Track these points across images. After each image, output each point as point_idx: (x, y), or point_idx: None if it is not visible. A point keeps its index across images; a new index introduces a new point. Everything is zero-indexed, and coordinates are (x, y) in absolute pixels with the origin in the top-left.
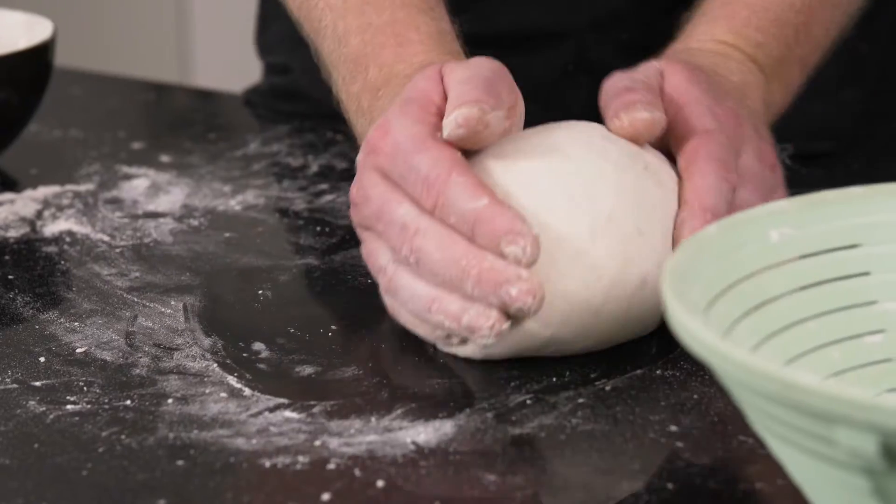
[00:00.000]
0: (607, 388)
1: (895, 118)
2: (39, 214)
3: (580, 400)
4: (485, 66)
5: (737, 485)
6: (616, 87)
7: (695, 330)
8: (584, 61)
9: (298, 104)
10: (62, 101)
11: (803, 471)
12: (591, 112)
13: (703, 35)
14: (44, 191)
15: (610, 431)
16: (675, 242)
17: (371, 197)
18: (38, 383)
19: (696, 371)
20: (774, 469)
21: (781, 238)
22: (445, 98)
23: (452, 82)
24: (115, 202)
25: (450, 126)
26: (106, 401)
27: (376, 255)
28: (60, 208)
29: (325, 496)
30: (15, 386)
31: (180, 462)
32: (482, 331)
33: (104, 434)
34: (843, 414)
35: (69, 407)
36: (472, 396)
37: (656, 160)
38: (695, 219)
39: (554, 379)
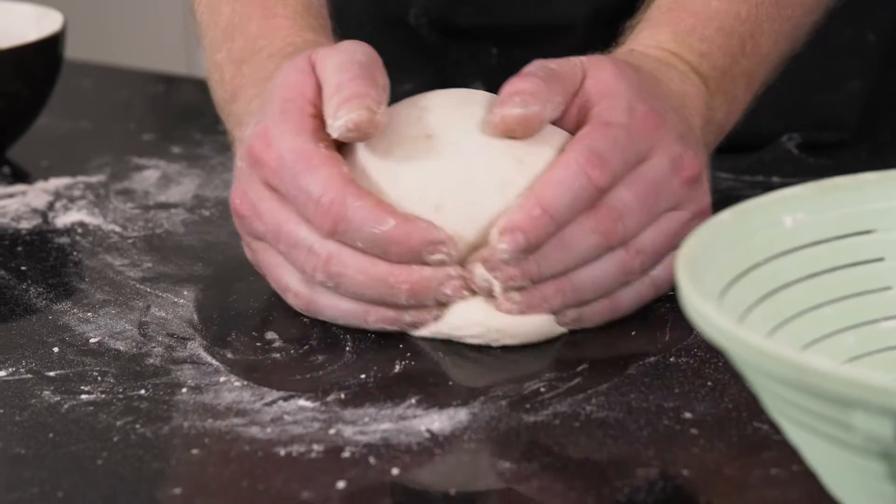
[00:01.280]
0: (621, 375)
1: None
2: (51, 206)
3: (594, 387)
4: (357, 51)
5: (752, 471)
6: (515, 77)
7: (711, 316)
8: (586, 55)
9: None
10: (72, 94)
11: (819, 456)
12: None
13: (646, 40)
14: (55, 182)
15: (624, 419)
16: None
17: (262, 213)
18: (52, 373)
19: (709, 358)
20: (789, 455)
21: (795, 224)
22: (319, 90)
23: (327, 70)
24: (127, 193)
25: (339, 130)
26: (120, 390)
27: (279, 272)
28: (72, 200)
29: (341, 484)
30: (29, 376)
31: (195, 451)
32: (427, 324)
33: (119, 423)
34: (859, 398)
35: (83, 397)
36: (487, 384)
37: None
38: (521, 210)
39: (567, 367)
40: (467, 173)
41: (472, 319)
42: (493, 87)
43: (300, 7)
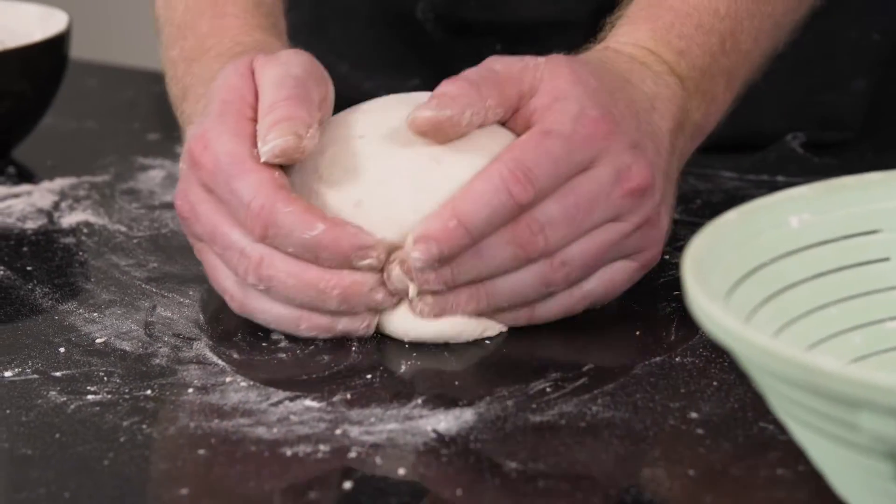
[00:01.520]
0: (626, 375)
1: None
2: (56, 206)
3: (600, 388)
4: (294, 63)
5: (758, 471)
6: (448, 78)
7: (717, 316)
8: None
9: None
10: (77, 93)
11: (826, 456)
12: None
13: (624, 38)
14: (60, 182)
15: (630, 419)
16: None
17: (200, 215)
18: (58, 373)
19: (714, 358)
20: (795, 455)
21: (801, 224)
22: (257, 96)
23: (264, 83)
24: (132, 193)
25: (266, 155)
26: (126, 391)
27: (218, 274)
28: (77, 199)
29: (347, 484)
30: (35, 376)
31: (202, 451)
32: (358, 333)
33: (125, 424)
34: (866, 399)
35: (90, 397)
36: (492, 385)
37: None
38: (437, 219)
39: (573, 367)
40: (385, 171)
41: (401, 327)
42: None
43: (250, 5)
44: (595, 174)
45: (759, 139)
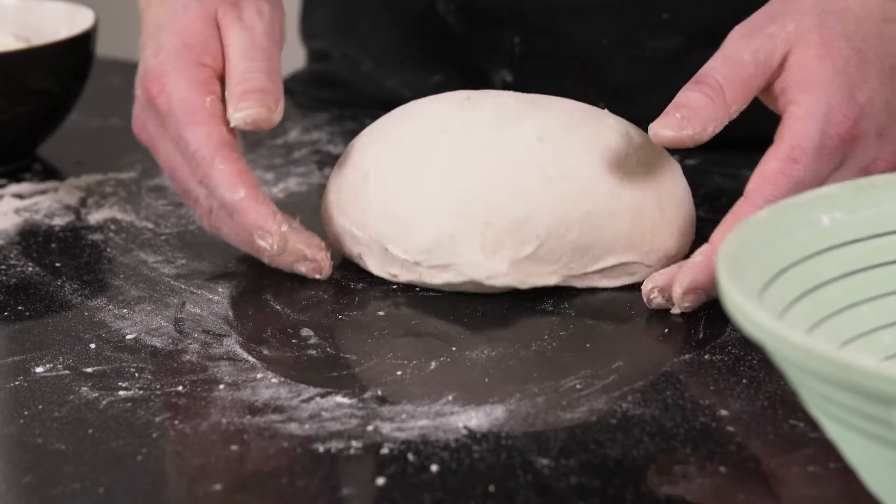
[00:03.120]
0: (656, 373)
1: None
2: (83, 202)
3: (630, 385)
4: (258, 31)
5: (789, 468)
6: (693, 81)
7: (753, 313)
8: (619, 37)
9: (337, 91)
10: (102, 90)
11: (859, 453)
12: (625, 88)
13: None
14: (87, 179)
15: (660, 416)
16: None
17: (159, 151)
18: (89, 369)
19: (743, 355)
20: (826, 452)
21: (832, 222)
22: (221, 52)
23: (232, 49)
24: (158, 190)
25: (238, 122)
26: (158, 387)
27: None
28: (104, 196)
29: (380, 481)
30: (67, 372)
31: (234, 447)
32: (310, 276)
33: (157, 420)
34: None
35: (121, 393)
36: (523, 381)
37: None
38: (703, 272)
39: (603, 364)
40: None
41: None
42: (518, 74)
43: None
44: (841, 179)
45: None
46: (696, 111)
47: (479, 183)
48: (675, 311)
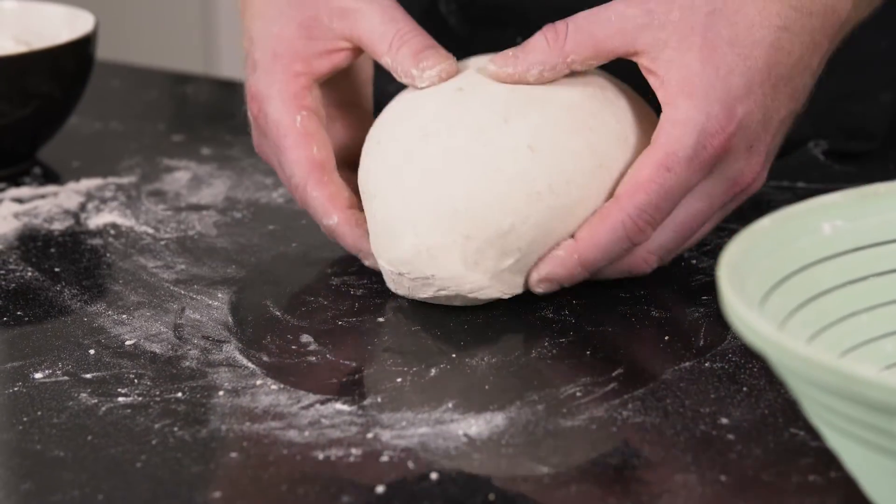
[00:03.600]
0: (656, 380)
1: None
2: (83, 207)
3: (630, 392)
4: (392, 6)
5: (789, 477)
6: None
7: (754, 323)
8: None
9: None
10: (101, 94)
11: (860, 462)
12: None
13: None
14: (86, 183)
15: (661, 424)
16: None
17: (272, 164)
18: (88, 375)
19: (744, 363)
20: (827, 461)
21: (834, 231)
22: (314, 54)
23: (369, 21)
24: (158, 194)
25: (429, 80)
26: (157, 393)
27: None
28: (104, 201)
29: (380, 489)
30: (66, 378)
31: (234, 454)
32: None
33: (157, 426)
34: None
35: (121, 399)
36: (522, 389)
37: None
38: (560, 265)
39: (603, 371)
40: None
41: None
42: None
43: None
44: (707, 189)
45: (782, 145)
46: (526, 52)
47: (462, 194)
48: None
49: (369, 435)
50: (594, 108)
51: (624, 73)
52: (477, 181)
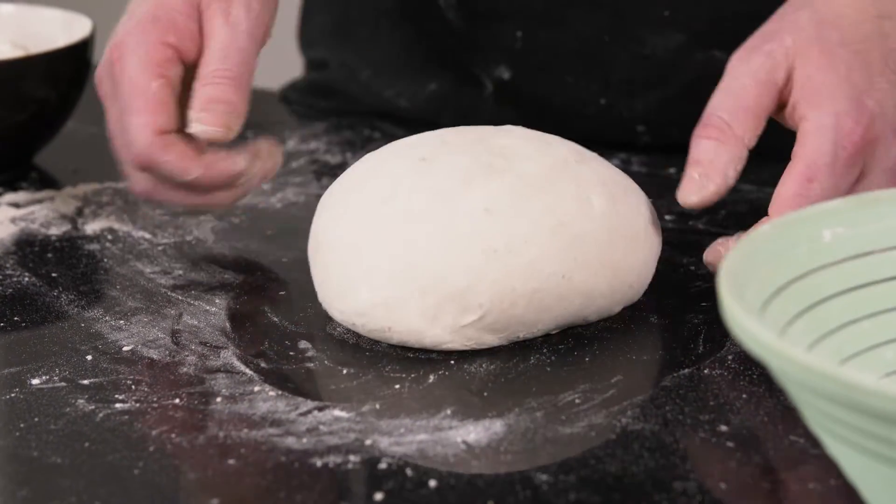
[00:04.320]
0: (655, 387)
1: None
2: (80, 212)
3: (629, 399)
4: (242, 28)
5: (789, 485)
6: (698, 128)
7: (755, 331)
8: (620, 33)
9: (334, 101)
10: (97, 98)
11: (861, 471)
12: (626, 84)
13: None
14: (83, 188)
15: (660, 431)
16: None
17: (107, 107)
18: (86, 381)
19: (743, 370)
20: (827, 469)
21: (834, 238)
22: (192, 33)
23: (212, 41)
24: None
25: (196, 130)
26: (154, 399)
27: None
28: (101, 205)
29: (378, 496)
30: (63, 384)
31: (231, 461)
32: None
33: (154, 433)
34: None
35: (118, 405)
36: (521, 396)
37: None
38: None
39: (602, 378)
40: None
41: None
42: (518, 72)
43: None
44: (868, 186)
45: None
46: (711, 163)
47: (418, 249)
48: None
49: (367, 442)
50: (553, 175)
51: None
52: (432, 238)
